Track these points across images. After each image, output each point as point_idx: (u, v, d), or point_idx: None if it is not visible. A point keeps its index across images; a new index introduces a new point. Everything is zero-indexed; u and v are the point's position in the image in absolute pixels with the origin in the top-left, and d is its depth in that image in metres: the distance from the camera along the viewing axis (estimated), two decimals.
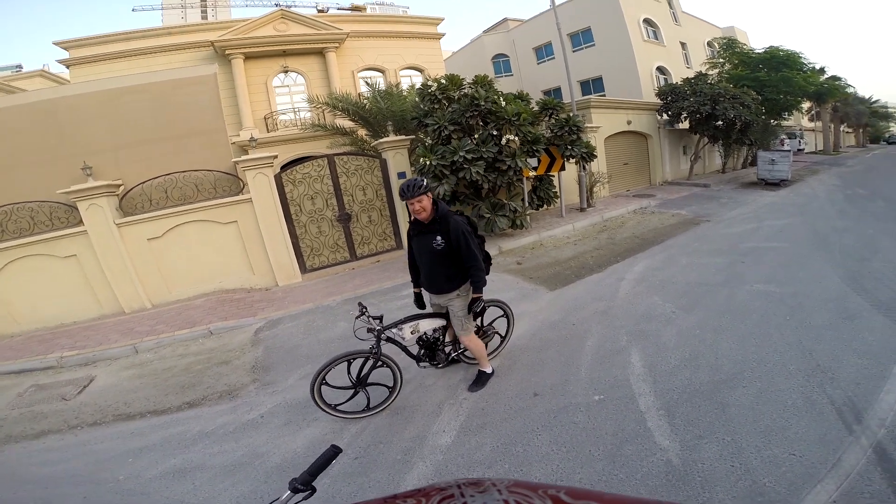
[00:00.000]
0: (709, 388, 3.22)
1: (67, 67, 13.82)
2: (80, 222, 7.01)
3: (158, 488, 2.95)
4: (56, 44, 13.43)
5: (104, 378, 5.08)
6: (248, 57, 14.45)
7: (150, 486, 2.99)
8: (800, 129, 32.47)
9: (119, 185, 7.39)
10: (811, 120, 34.28)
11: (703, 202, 11.86)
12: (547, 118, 10.09)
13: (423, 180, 3.05)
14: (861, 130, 43.78)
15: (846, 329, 3.89)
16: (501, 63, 25.87)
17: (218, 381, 4.55)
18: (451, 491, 0.80)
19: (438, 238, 3.13)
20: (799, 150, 28.76)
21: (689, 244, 7.55)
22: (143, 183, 7.46)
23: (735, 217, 9.55)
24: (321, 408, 3.27)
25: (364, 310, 3.26)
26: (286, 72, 15.20)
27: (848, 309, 4.30)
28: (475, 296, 3.23)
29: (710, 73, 19.01)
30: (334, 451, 1.33)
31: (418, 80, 15.21)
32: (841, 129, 36.55)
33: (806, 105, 26.88)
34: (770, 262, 6.05)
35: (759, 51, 19.80)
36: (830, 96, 25.46)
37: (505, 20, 28.10)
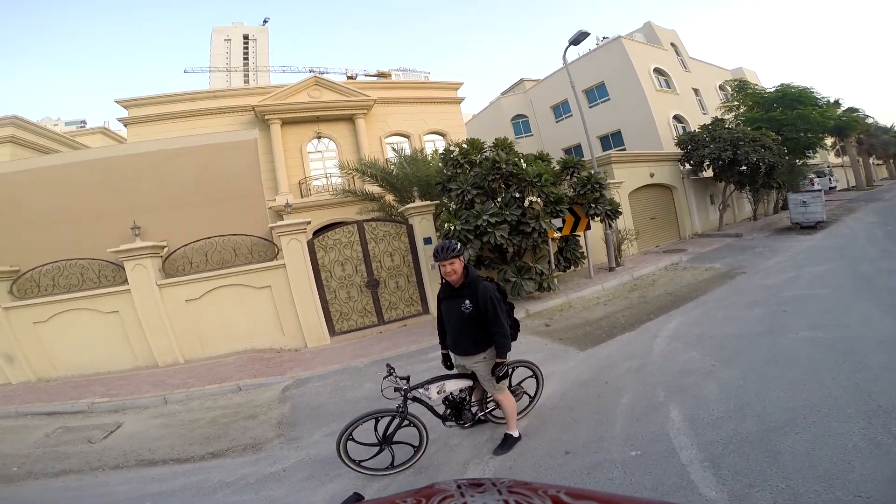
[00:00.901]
0: (757, 437, 3.01)
1: (125, 126, 15.16)
2: (125, 281, 7.44)
3: None
4: (118, 102, 14.85)
5: (131, 425, 5.17)
6: (285, 122, 15.47)
7: None
8: (828, 167, 31.54)
9: (163, 247, 7.86)
10: (837, 155, 33.46)
11: (736, 253, 11.48)
12: (569, 177, 10.03)
13: (456, 244, 3.20)
14: (892, 161, 42.30)
15: None
16: (521, 123, 26.84)
17: (243, 434, 4.55)
18: (452, 491, 0.79)
19: (467, 302, 3.20)
20: (831, 188, 27.86)
21: (725, 298, 7.24)
22: (186, 246, 7.93)
23: (772, 266, 9.18)
24: (346, 463, 3.22)
25: (392, 370, 3.32)
26: (319, 137, 16.17)
27: None
28: (498, 360, 3.24)
29: (726, 116, 19.03)
30: (356, 498, 1.31)
31: (441, 145, 15.86)
32: (871, 161, 35.45)
33: (829, 141, 26.32)
34: (814, 309, 5.74)
35: (771, 90, 19.74)
36: (851, 129, 24.90)
37: (521, 81, 29.38)
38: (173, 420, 5.20)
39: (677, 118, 21.38)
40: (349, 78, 22.74)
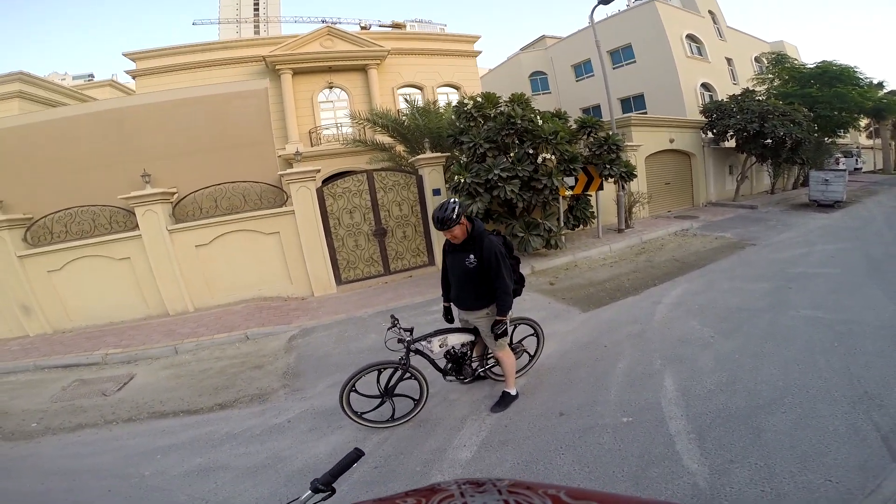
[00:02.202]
0: (745, 413, 3.10)
1: (133, 78, 14.99)
2: (136, 227, 7.53)
3: (181, 486, 3.06)
4: (125, 55, 14.63)
5: (144, 376, 5.36)
6: (297, 72, 15.17)
7: (174, 483, 3.11)
8: (857, 148, 30.37)
9: (173, 193, 7.89)
10: (869, 137, 32.13)
11: (749, 225, 11.33)
12: (585, 136, 9.91)
13: (453, 210, 3.02)
14: None
15: None
16: (539, 80, 25.87)
17: (250, 384, 4.72)
18: (452, 491, 0.81)
19: (471, 256, 3.16)
20: (856, 168, 26.94)
21: (732, 269, 7.22)
22: (196, 192, 7.94)
23: (783, 241, 9.07)
24: (347, 414, 3.33)
25: (396, 321, 3.34)
26: (331, 87, 15.85)
27: None
28: (498, 318, 3.23)
29: (758, 89, 18.28)
30: (357, 454, 1.36)
31: (455, 98, 15.49)
32: None
33: (864, 122, 25.24)
34: (819, 289, 5.71)
35: (811, 66, 18.88)
36: (890, 112, 23.80)
37: (543, 37, 28.08)
38: (183, 371, 5.38)
39: (705, 86, 20.52)
40: (363, 28, 21.79)
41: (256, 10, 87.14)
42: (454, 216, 3.02)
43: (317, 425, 3.65)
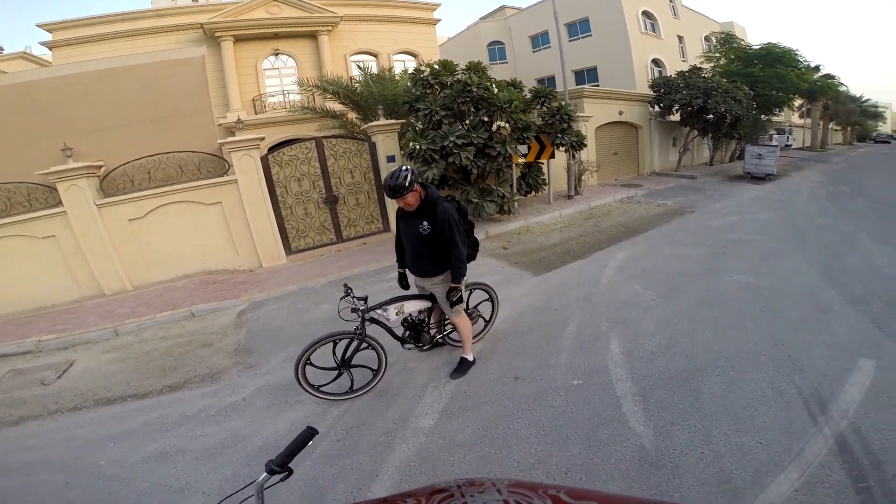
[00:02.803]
0: (683, 375, 3.30)
1: (50, 49, 13.40)
2: (59, 203, 6.85)
3: (140, 473, 2.93)
4: (40, 26, 13.03)
5: (84, 362, 5.00)
6: (239, 39, 14.17)
7: (132, 470, 2.97)
8: (789, 126, 32.74)
9: (100, 167, 7.22)
10: (801, 116, 34.55)
11: (689, 193, 12.02)
12: (539, 106, 10.12)
13: (405, 178, 2.92)
14: (850, 129, 44.27)
15: (818, 322, 4.01)
16: (497, 50, 25.68)
17: (200, 364, 4.52)
18: (451, 491, 0.80)
19: (425, 223, 3.10)
20: (787, 145, 29.05)
21: (672, 234, 7.67)
22: (126, 164, 7.28)
23: (719, 209, 9.69)
24: (305, 388, 3.26)
25: (349, 291, 3.23)
26: (277, 55, 14.93)
27: (822, 303, 4.42)
28: (453, 285, 3.22)
29: (705, 66, 19.06)
30: (310, 433, 1.32)
31: (412, 65, 15.01)
32: (830, 126, 36.94)
33: (798, 102, 27.08)
34: (750, 255, 6.17)
35: (756, 47, 19.91)
36: (823, 94, 25.68)
37: (503, 7, 27.76)
38: (127, 353, 5.07)
39: (656, 62, 21.18)
40: None
41: None
42: (406, 183, 2.92)
43: (274, 402, 3.57)
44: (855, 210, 9.12)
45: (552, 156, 10.14)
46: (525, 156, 9.42)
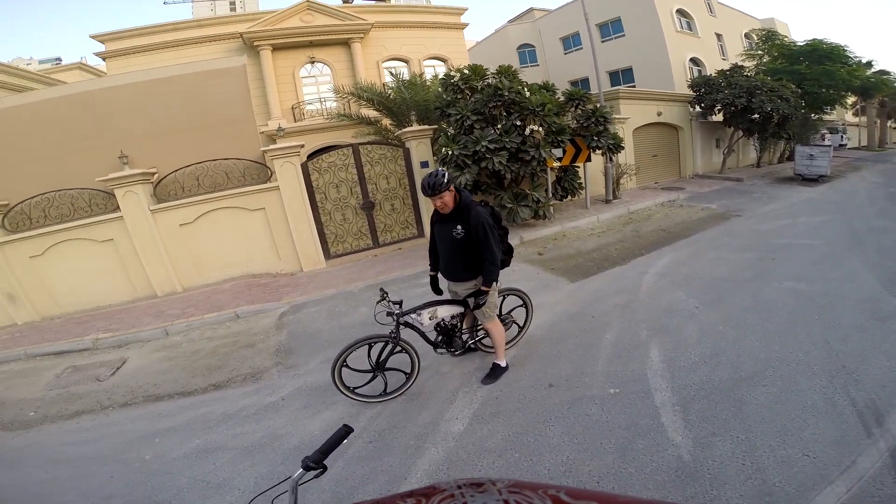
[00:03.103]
0: (727, 385, 3.17)
1: (104, 60, 14.38)
2: (117, 208, 7.33)
3: (181, 468, 3.07)
4: (93, 37, 14.00)
5: (136, 360, 5.30)
6: (276, 48, 14.69)
7: (174, 465, 3.11)
8: (843, 125, 30.65)
9: (153, 173, 7.67)
10: (856, 115, 32.39)
11: (734, 196, 11.45)
12: (573, 109, 9.93)
13: (443, 176, 3.04)
14: None
15: (877, 330, 3.74)
16: (527, 53, 25.44)
17: (243, 363, 4.71)
18: (451, 491, 0.81)
19: (459, 227, 3.14)
20: (841, 145, 27.23)
21: (717, 239, 7.33)
22: (176, 171, 7.73)
23: (768, 213, 9.20)
24: (340, 390, 3.35)
25: (385, 295, 3.31)
26: (313, 62, 15.39)
27: (881, 310, 4.13)
28: (483, 288, 3.23)
29: (747, 64, 18.21)
30: (346, 431, 1.37)
31: (442, 70, 15.17)
32: (888, 124, 34.43)
33: (851, 100, 25.40)
34: (802, 260, 5.83)
35: (801, 43, 18.88)
36: (877, 91, 23.92)
37: (531, 10, 27.50)
38: (175, 352, 5.34)
39: (694, 61, 20.41)
40: (345, 1, 21.03)
41: None
42: (444, 181, 3.02)
43: (310, 402, 3.67)
44: None
45: (588, 159, 9.90)
46: (560, 159, 9.24)
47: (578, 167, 10.28)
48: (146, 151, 7.85)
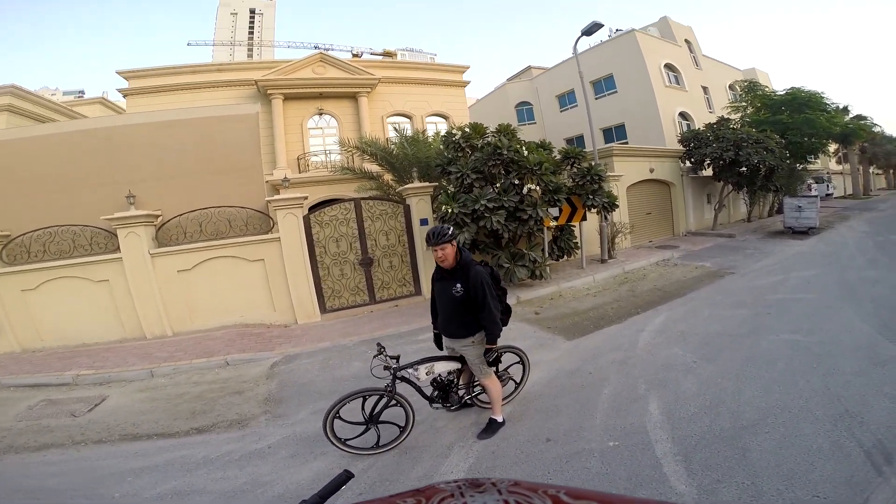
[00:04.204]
0: (729, 434, 3.12)
1: (125, 97, 14.89)
2: (118, 249, 7.40)
3: None
4: (119, 73, 14.58)
5: (116, 398, 5.18)
6: (288, 97, 15.27)
7: None
8: (827, 173, 31.54)
9: (158, 216, 7.81)
10: (839, 162, 33.51)
11: (727, 253, 11.60)
12: (569, 167, 10.06)
13: (449, 228, 3.18)
14: (892, 171, 42.46)
15: (877, 375, 3.78)
16: (525, 111, 26.60)
17: (229, 409, 4.59)
18: (451, 491, 0.81)
19: (458, 285, 3.22)
20: (827, 194, 27.90)
21: (712, 297, 7.36)
22: (180, 216, 7.88)
23: (761, 269, 9.30)
24: (331, 441, 3.27)
25: (382, 349, 3.35)
26: (321, 114, 15.99)
27: (879, 356, 4.18)
28: (489, 346, 3.30)
29: (733, 117, 18.96)
30: (346, 476, 1.34)
31: (443, 127, 15.75)
32: (871, 170, 35.57)
33: (832, 147, 26.29)
34: (797, 313, 5.86)
35: (781, 92, 19.59)
36: (857, 137, 24.74)
37: (528, 68, 29.03)
38: (159, 394, 5.21)
39: (683, 115, 21.26)
40: (354, 56, 22.31)
41: (251, 33, 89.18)
42: (448, 232, 3.15)
43: (299, 451, 3.56)
44: None
45: (584, 218, 10.01)
46: (556, 219, 9.29)
47: (574, 226, 10.38)
48: (153, 193, 8.01)
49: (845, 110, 22.89)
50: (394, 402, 3.38)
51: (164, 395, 5.16)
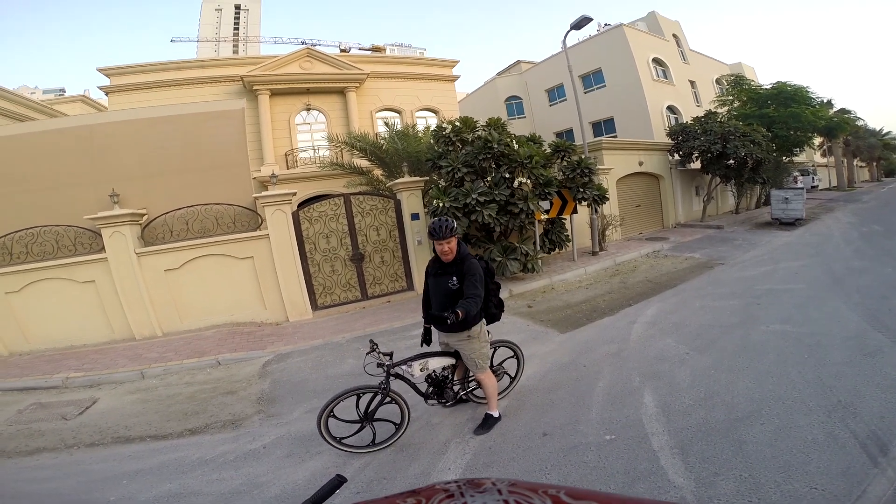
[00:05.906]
0: (725, 426, 3.14)
1: (107, 94, 14.56)
2: (102, 249, 7.24)
3: None
4: (100, 70, 14.28)
5: (107, 401, 5.09)
6: (274, 93, 15.10)
7: None
8: (812, 166, 32.23)
9: (143, 214, 7.65)
10: (823, 155, 34.13)
11: (716, 244, 11.72)
12: (559, 160, 10.14)
13: (452, 222, 3.15)
14: (875, 164, 43.36)
15: (867, 365, 3.83)
16: (514, 105, 26.60)
17: (222, 410, 4.53)
18: (452, 490, 0.80)
19: (454, 279, 3.20)
20: (813, 186, 28.48)
21: (702, 288, 7.42)
22: (166, 214, 7.72)
23: (749, 259, 9.41)
24: (326, 440, 3.23)
25: (375, 346, 3.30)
26: (308, 109, 15.81)
27: (868, 346, 4.23)
28: (456, 310, 2.92)
29: (720, 110, 19.16)
30: (339, 481, 1.31)
31: (433, 122, 15.68)
32: (854, 163, 36.29)
33: (817, 140, 26.73)
34: (786, 304, 5.93)
35: (767, 87, 19.85)
36: (841, 130, 25.21)
37: (518, 62, 29.04)
38: (150, 395, 5.14)
39: (671, 109, 21.45)
40: (342, 51, 22.11)
41: (236, 29, 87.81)
42: (453, 226, 3.13)
43: (294, 451, 3.51)
44: (892, 250, 8.75)
45: (574, 211, 10.09)
46: (547, 212, 9.34)
47: (565, 219, 10.44)
48: (138, 191, 7.83)
49: (829, 104, 23.25)
50: (388, 399, 3.34)
51: (155, 397, 5.08)
